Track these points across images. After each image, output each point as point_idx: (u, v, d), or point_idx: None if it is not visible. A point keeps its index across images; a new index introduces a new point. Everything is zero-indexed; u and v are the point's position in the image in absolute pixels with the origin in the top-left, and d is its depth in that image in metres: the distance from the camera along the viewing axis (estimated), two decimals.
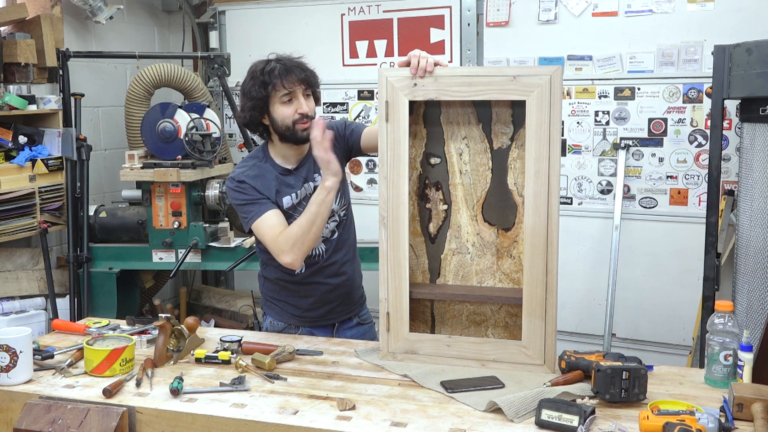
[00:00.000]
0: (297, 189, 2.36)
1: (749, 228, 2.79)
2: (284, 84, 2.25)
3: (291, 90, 2.26)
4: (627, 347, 3.81)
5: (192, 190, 3.81)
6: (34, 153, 3.64)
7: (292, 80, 2.25)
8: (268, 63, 2.29)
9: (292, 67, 2.27)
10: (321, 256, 2.41)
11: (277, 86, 2.24)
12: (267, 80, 2.25)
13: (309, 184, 2.36)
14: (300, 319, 2.46)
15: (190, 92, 4.09)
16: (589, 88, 3.80)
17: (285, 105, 2.27)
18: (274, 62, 2.28)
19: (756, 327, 2.62)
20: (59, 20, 3.93)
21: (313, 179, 2.36)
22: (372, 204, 2.41)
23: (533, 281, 2.00)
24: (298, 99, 2.28)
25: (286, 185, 2.35)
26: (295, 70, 2.26)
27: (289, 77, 2.25)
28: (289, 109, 2.27)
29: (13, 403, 1.91)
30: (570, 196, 3.90)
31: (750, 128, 2.81)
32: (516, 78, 1.96)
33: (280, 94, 2.26)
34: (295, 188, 2.35)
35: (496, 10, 3.91)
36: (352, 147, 2.42)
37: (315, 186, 2.33)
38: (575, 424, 1.61)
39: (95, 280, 3.83)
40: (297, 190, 2.35)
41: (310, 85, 2.30)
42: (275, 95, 2.26)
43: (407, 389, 1.91)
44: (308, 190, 2.35)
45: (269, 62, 2.29)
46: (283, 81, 2.24)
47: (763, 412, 1.62)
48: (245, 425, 1.73)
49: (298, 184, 2.36)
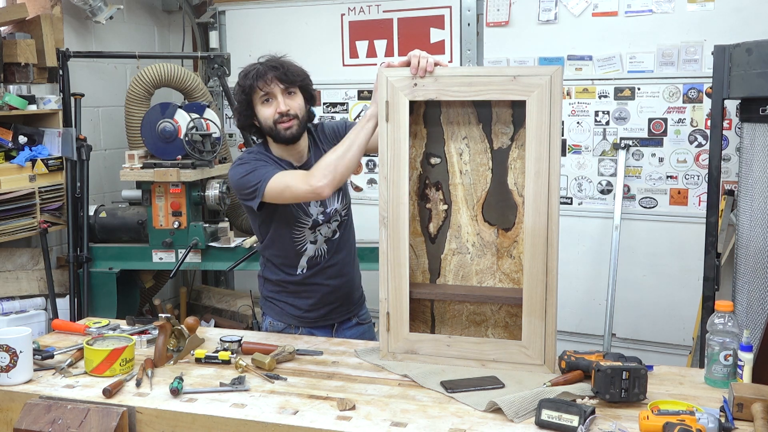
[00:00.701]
0: None
1: (749, 228, 2.79)
2: (259, 85, 2.26)
3: (267, 90, 2.27)
4: (627, 347, 3.81)
5: (192, 190, 3.81)
6: (34, 153, 3.64)
7: (267, 80, 2.25)
8: (251, 67, 2.30)
9: (269, 68, 2.27)
10: (323, 256, 2.41)
11: (254, 88, 2.27)
12: (244, 84, 2.28)
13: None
14: (300, 320, 2.46)
15: (190, 92, 4.09)
16: (589, 88, 3.80)
17: (265, 106, 2.29)
18: (255, 65, 2.30)
19: (756, 327, 2.62)
20: (59, 20, 3.93)
21: None
22: (372, 204, 2.41)
23: (533, 281, 2.00)
24: (276, 98, 2.28)
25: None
26: (270, 70, 2.26)
27: (264, 78, 2.25)
28: (270, 110, 2.28)
29: (13, 403, 1.91)
30: (570, 196, 3.91)
31: (750, 128, 2.81)
32: (516, 78, 1.96)
33: (259, 95, 2.28)
34: None
35: (496, 10, 3.91)
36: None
37: None
38: (575, 424, 1.62)
39: (95, 280, 3.83)
40: None
41: (289, 83, 2.28)
42: (255, 97, 2.29)
43: (407, 389, 1.91)
44: None
45: (252, 66, 2.30)
46: (257, 82, 2.26)
47: (763, 412, 1.62)
48: (245, 425, 1.73)
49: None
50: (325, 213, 2.38)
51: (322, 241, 2.40)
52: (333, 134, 2.43)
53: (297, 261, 2.40)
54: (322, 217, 2.38)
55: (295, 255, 2.39)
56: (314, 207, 2.36)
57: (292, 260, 2.40)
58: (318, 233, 2.39)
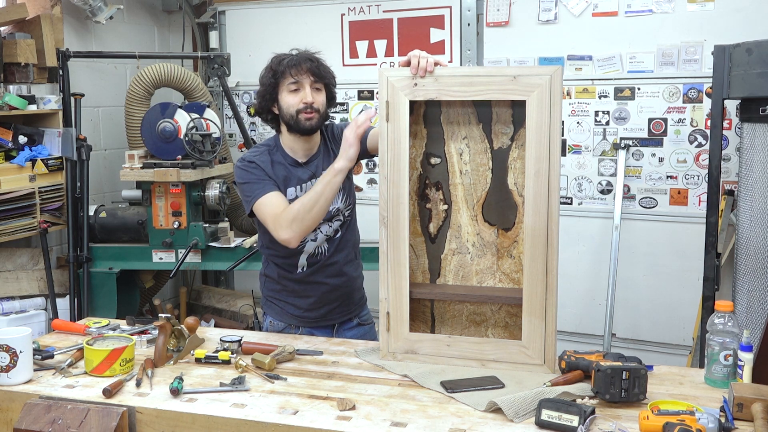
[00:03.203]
0: (303, 182, 2.37)
1: (749, 228, 2.79)
2: (291, 72, 2.29)
3: (298, 79, 2.30)
4: (627, 347, 3.81)
5: (192, 190, 3.81)
6: (34, 153, 3.64)
7: (300, 69, 2.29)
8: (285, 54, 2.35)
9: (304, 59, 2.32)
10: (323, 254, 2.41)
11: (285, 74, 2.30)
12: (276, 68, 2.31)
13: (315, 180, 2.35)
14: (300, 319, 2.46)
15: (190, 92, 4.09)
16: (589, 88, 3.80)
17: (291, 94, 2.31)
18: (289, 54, 2.35)
19: (756, 327, 2.62)
20: (59, 20, 3.93)
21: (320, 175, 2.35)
22: (372, 204, 2.41)
23: (533, 281, 2.00)
24: (304, 89, 2.31)
25: (294, 176, 2.37)
26: (305, 61, 2.31)
27: (297, 66, 2.29)
28: (295, 98, 2.31)
29: (13, 403, 1.90)
30: (570, 196, 3.90)
31: (750, 128, 2.81)
32: (516, 78, 1.96)
33: (287, 81, 2.31)
34: (302, 181, 2.37)
35: (496, 10, 3.91)
36: (363, 152, 2.39)
37: None
38: (575, 424, 1.62)
39: (95, 280, 3.83)
40: (303, 183, 2.37)
41: (319, 78, 2.33)
42: (283, 83, 2.32)
43: (407, 389, 1.91)
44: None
45: (286, 54, 2.35)
46: (291, 69, 2.29)
47: (763, 412, 1.62)
48: (245, 425, 1.73)
49: (305, 177, 2.38)
50: (328, 211, 2.38)
51: (322, 239, 2.40)
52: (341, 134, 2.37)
53: (297, 259, 2.41)
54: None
55: (295, 252, 2.39)
56: None
57: (292, 258, 2.40)
58: (318, 231, 2.39)
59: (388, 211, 2.08)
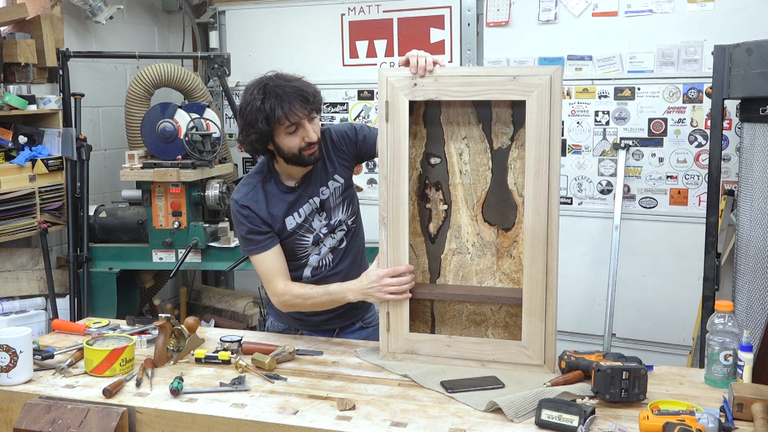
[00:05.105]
0: (302, 206, 2.29)
1: (749, 228, 2.79)
2: (288, 118, 2.13)
3: (295, 121, 2.14)
4: (627, 347, 3.81)
5: (192, 190, 3.82)
6: (34, 153, 3.64)
7: (296, 112, 2.13)
8: (265, 94, 2.13)
9: (295, 97, 2.13)
10: (327, 266, 2.37)
11: (281, 120, 2.13)
12: (270, 115, 2.12)
13: (314, 200, 2.30)
14: (301, 323, 2.44)
15: (190, 92, 4.09)
16: (589, 88, 3.80)
17: (291, 135, 2.16)
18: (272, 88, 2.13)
19: (756, 327, 2.62)
20: (59, 20, 3.93)
21: (319, 194, 2.30)
22: (372, 204, 2.40)
23: (533, 281, 2.00)
24: (304, 127, 2.16)
25: (291, 205, 2.28)
26: (297, 99, 2.13)
27: (293, 110, 2.13)
28: (296, 139, 2.17)
29: (13, 403, 1.91)
30: (570, 196, 3.90)
31: (750, 128, 2.81)
32: (516, 78, 1.96)
33: (284, 126, 2.14)
34: (300, 205, 2.29)
35: (496, 10, 3.91)
36: (365, 153, 2.37)
37: (321, 200, 2.29)
38: (575, 424, 1.62)
39: (95, 280, 3.84)
40: (302, 207, 2.29)
41: (314, 110, 2.19)
42: (279, 129, 2.15)
43: (407, 389, 1.91)
44: (314, 206, 2.30)
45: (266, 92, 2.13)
46: (287, 115, 2.12)
47: (763, 412, 1.62)
48: (245, 425, 1.73)
49: (303, 201, 2.30)
50: (329, 225, 2.34)
51: (326, 251, 2.35)
52: (341, 140, 2.35)
53: (300, 272, 2.36)
54: (325, 230, 2.33)
55: (298, 266, 2.35)
56: (317, 222, 2.32)
57: (295, 271, 2.35)
58: (322, 245, 2.34)
59: (388, 211, 2.08)
